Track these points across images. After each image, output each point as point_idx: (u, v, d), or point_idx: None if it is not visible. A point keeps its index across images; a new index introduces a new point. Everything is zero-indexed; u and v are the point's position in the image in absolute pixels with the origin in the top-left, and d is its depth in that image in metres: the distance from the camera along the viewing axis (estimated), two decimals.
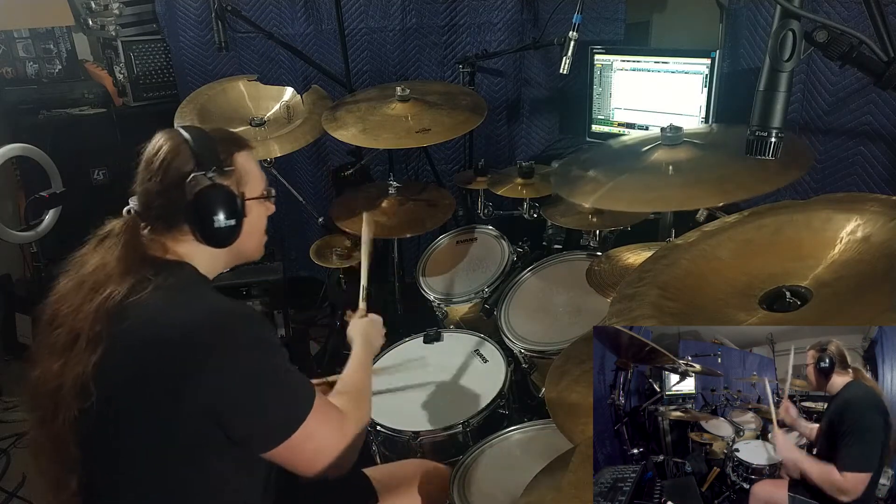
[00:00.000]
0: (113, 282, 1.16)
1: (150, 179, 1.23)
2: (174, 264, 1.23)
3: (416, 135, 2.18)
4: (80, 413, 1.12)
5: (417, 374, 1.93)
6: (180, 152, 1.22)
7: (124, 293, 1.14)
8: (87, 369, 1.10)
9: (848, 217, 1.01)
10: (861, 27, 1.01)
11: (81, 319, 1.14)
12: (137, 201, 1.26)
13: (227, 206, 1.23)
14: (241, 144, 1.33)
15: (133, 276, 1.16)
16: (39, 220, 2.56)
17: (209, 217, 1.21)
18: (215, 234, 1.23)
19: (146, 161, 1.24)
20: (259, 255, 1.39)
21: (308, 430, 1.16)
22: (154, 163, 1.23)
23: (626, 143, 1.80)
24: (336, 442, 1.22)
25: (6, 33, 3.07)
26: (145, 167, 1.24)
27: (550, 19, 2.58)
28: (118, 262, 1.18)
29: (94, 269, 1.19)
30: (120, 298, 1.14)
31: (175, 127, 1.29)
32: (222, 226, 1.23)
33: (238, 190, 1.27)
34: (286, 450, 1.16)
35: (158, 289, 1.15)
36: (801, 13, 0.95)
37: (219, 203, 1.22)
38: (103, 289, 1.15)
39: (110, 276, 1.17)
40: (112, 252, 1.20)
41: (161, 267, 1.20)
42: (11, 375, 2.90)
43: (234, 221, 1.24)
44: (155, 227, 1.24)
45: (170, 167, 1.22)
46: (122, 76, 3.08)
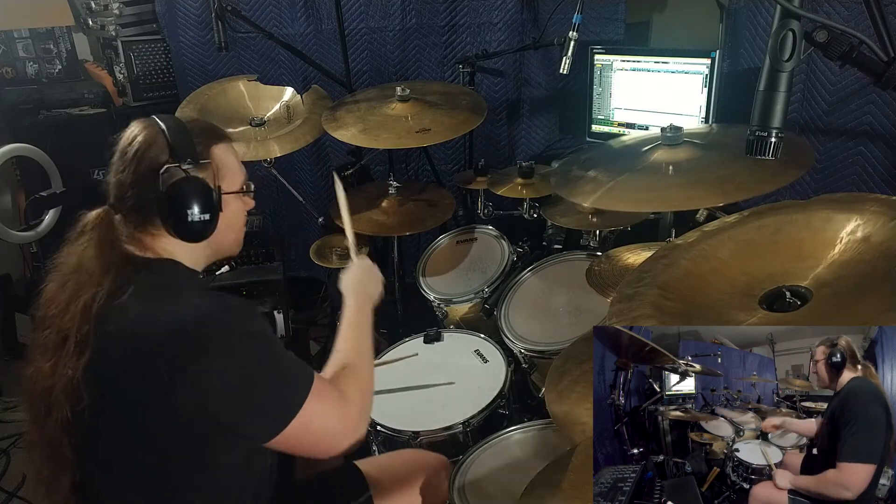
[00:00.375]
0: (93, 282, 1.14)
1: (124, 170, 1.19)
2: (155, 262, 1.20)
3: (416, 135, 2.18)
4: (73, 415, 1.11)
5: (417, 374, 1.93)
6: (155, 142, 1.19)
7: (107, 294, 1.12)
8: (77, 373, 1.09)
9: (848, 217, 1.01)
10: (861, 27, 1.01)
11: (69, 321, 1.12)
12: (111, 192, 1.22)
13: (201, 199, 1.19)
14: (220, 136, 1.29)
15: (113, 276, 1.14)
16: (39, 220, 2.56)
17: (182, 210, 1.18)
18: (188, 229, 1.20)
19: (120, 151, 1.21)
20: (237, 250, 1.35)
21: (307, 415, 1.14)
22: (128, 153, 1.19)
23: (626, 143, 1.81)
24: (338, 422, 1.20)
25: (6, 33, 3.07)
26: (119, 157, 1.21)
27: (550, 19, 2.58)
28: (95, 260, 1.16)
29: (75, 269, 1.17)
30: (104, 300, 1.12)
31: (152, 116, 1.26)
32: (196, 220, 1.19)
33: (214, 183, 1.23)
34: (287, 437, 1.14)
35: (141, 288, 1.13)
36: (801, 13, 0.95)
37: (193, 196, 1.19)
38: (85, 289, 1.13)
39: (91, 275, 1.15)
40: (88, 250, 1.18)
41: (142, 266, 1.18)
42: (11, 375, 2.91)
43: (208, 216, 1.20)
44: (130, 220, 1.21)
45: (143, 157, 1.18)
46: (122, 76, 3.08)
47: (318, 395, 1.17)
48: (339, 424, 1.20)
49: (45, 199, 2.56)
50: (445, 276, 2.33)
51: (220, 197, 1.24)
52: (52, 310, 1.16)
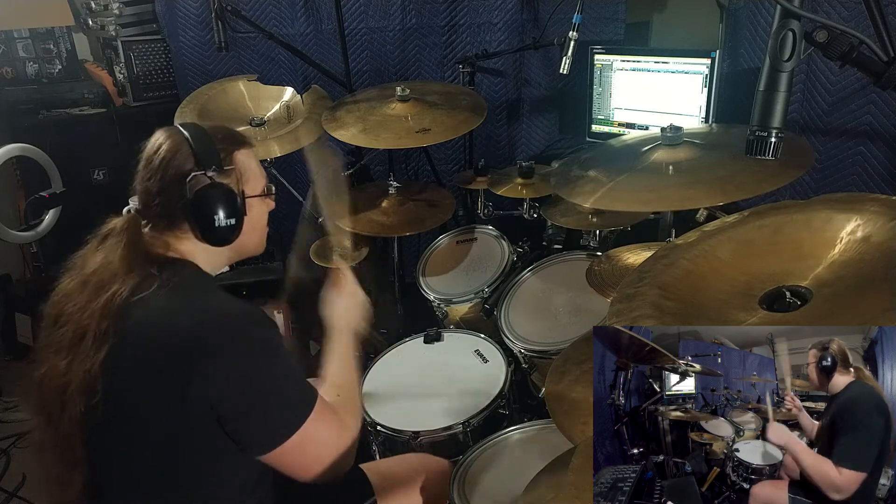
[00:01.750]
0: (118, 280, 1.15)
1: (150, 178, 1.23)
2: (177, 262, 1.23)
3: (416, 135, 2.18)
4: (87, 410, 1.12)
5: (417, 374, 1.93)
6: (180, 151, 1.22)
7: (130, 291, 1.14)
8: (94, 367, 1.11)
9: (848, 217, 1.01)
10: (861, 27, 1.01)
11: (88, 317, 1.14)
12: (138, 200, 1.26)
13: (227, 204, 1.23)
14: (241, 142, 1.33)
15: (137, 274, 1.16)
16: (39, 220, 2.56)
17: (209, 216, 1.21)
18: (216, 233, 1.23)
19: (146, 159, 1.24)
20: (261, 250, 1.39)
21: (306, 433, 1.16)
22: (154, 161, 1.23)
23: (626, 143, 1.80)
24: (334, 445, 1.22)
25: (6, 33, 3.07)
26: (145, 166, 1.24)
27: (550, 19, 2.58)
28: (121, 260, 1.18)
29: (98, 268, 1.19)
30: (126, 296, 1.14)
31: (175, 125, 1.29)
32: (223, 224, 1.23)
33: (238, 188, 1.27)
34: (283, 454, 1.15)
35: (163, 287, 1.15)
36: (801, 13, 0.95)
37: (219, 202, 1.22)
38: (108, 287, 1.15)
39: (115, 274, 1.16)
40: (115, 251, 1.19)
41: (164, 264, 1.20)
42: (11, 375, 2.90)
43: (234, 220, 1.24)
44: (156, 226, 1.24)
45: (169, 166, 1.22)
46: (122, 76, 3.08)
47: (320, 416, 1.19)
48: (334, 447, 1.22)
49: (45, 200, 2.56)
50: (445, 276, 2.33)
51: (244, 201, 1.28)
52: (70, 307, 1.17)
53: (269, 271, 2.64)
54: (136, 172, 1.26)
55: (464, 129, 2.28)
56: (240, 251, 1.34)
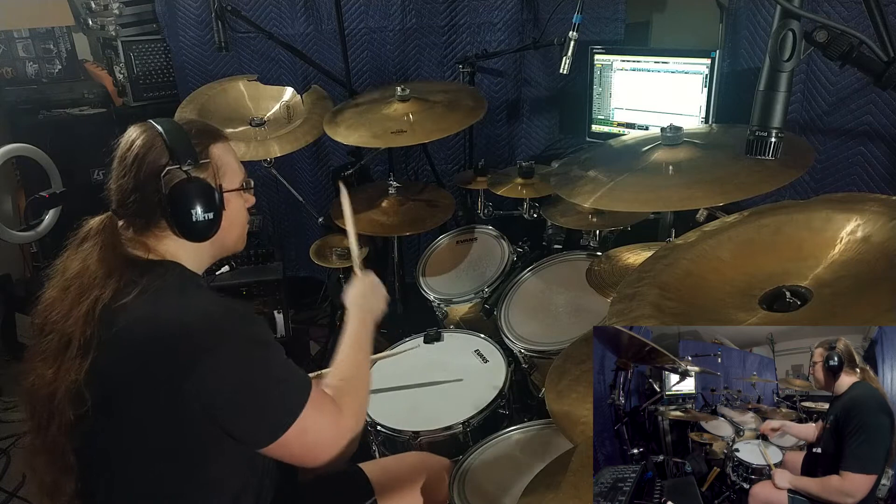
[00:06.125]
0: (98, 285, 1.14)
1: (125, 175, 1.20)
2: (158, 265, 1.21)
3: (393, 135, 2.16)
4: (76, 419, 1.11)
5: (417, 374, 1.93)
6: (154, 146, 1.20)
7: (111, 296, 1.13)
8: (80, 376, 1.09)
9: (848, 217, 1.01)
10: (861, 27, 1.01)
11: (72, 325, 1.12)
12: (113, 198, 1.23)
13: (204, 199, 1.21)
14: (217, 136, 1.30)
15: (117, 279, 1.14)
16: (39, 220, 2.56)
17: (186, 211, 1.19)
18: (194, 229, 1.21)
19: (119, 156, 1.22)
20: (241, 246, 1.37)
21: (302, 425, 1.15)
22: (127, 158, 1.20)
23: (626, 143, 1.80)
24: (332, 435, 1.21)
25: (6, 33, 3.07)
26: (119, 162, 1.22)
27: (550, 19, 2.58)
28: (99, 263, 1.16)
29: (78, 273, 1.17)
30: (108, 302, 1.12)
31: (148, 120, 1.26)
32: (200, 220, 1.20)
33: (215, 182, 1.24)
34: (281, 446, 1.15)
35: (146, 291, 1.14)
36: (801, 13, 0.95)
37: (195, 196, 1.20)
38: (89, 293, 1.13)
39: (94, 279, 1.15)
40: (92, 254, 1.18)
41: (146, 268, 1.18)
42: (11, 375, 2.90)
43: (212, 214, 1.22)
44: (133, 224, 1.22)
45: (144, 161, 1.19)
46: (122, 76, 3.08)
47: (316, 405, 1.18)
48: (333, 435, 1.22)
49: (45, 200, 2.56)
50: (445, 276, 2.33)
51: (221, 195, 1.25)
52: (54, 315, 1.16)
53: (269, 271, 2.64)
54: (111, 170, 1.23)
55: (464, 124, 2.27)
56: (221, 247, 1.32)
